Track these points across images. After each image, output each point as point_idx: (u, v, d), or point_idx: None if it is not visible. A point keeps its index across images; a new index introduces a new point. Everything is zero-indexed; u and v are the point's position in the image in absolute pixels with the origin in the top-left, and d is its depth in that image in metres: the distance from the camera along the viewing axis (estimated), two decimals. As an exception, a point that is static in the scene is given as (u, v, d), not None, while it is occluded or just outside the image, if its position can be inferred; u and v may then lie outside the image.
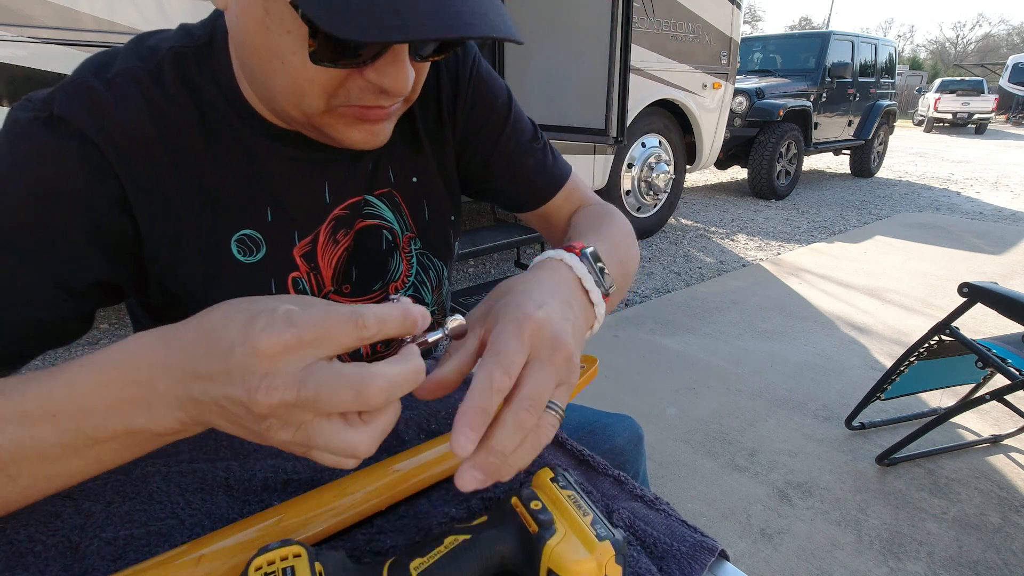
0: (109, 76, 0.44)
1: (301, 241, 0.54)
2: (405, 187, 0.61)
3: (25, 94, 0.44)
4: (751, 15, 44.11)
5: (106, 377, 0.32)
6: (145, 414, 0.31)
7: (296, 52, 0.39)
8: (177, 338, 0.31)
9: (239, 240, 0.50)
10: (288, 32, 0.39)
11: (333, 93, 0.42)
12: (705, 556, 0.39)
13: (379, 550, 0.39)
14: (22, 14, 1.76)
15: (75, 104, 0.42)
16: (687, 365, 2.26)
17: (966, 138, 13.85)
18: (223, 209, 0.49)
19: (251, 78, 0.46)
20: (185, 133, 0.47)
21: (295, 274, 0.54)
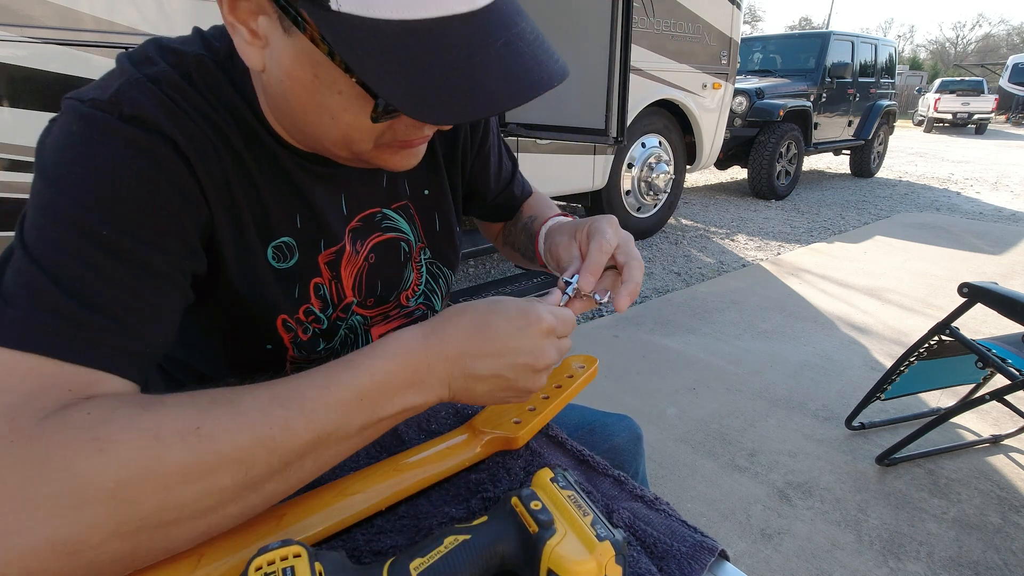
0: (152, 75, 0.43)
1: (327, 249, 0.55)
2: (418, 199, 0.63)
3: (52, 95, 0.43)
4: (751, 15, 44.11)
5: (397, 364, 0.40)
6: (420, 394, 0.41)
7: (348, 109, 0.41)
8: (442, 333, 0.42)
9: (276, 247, 0.52)
10: (340, 93, 0.40)
11: (381, 135, 0.44)
12: (705, 556, 0.39)
13: (379, 550, 0.39)
14: (22, 14, 1.76)
15: (147, 102, 0.41)
16: (687, 365, 2.26)
17: (966, 138, 13.85)
18: (266, 216, 0.50)
19: (290, 124, 0.47)
20: (231, 139, 0.47)
21: (317, 280, 0.55)
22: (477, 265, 3.52)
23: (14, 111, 1.83)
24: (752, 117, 5.33)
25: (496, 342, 0.42)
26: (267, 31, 0.39)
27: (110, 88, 0.42)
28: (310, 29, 0.36)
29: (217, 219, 0.47)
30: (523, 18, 0.41)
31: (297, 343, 0.56)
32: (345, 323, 0.59)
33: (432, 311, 0.68)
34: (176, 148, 0.43)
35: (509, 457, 0.48)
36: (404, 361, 0.40)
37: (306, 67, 0.39)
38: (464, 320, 0.43)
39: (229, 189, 0.47)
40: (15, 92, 1.82)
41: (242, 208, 0.48)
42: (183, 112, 0.43)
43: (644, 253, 3.83)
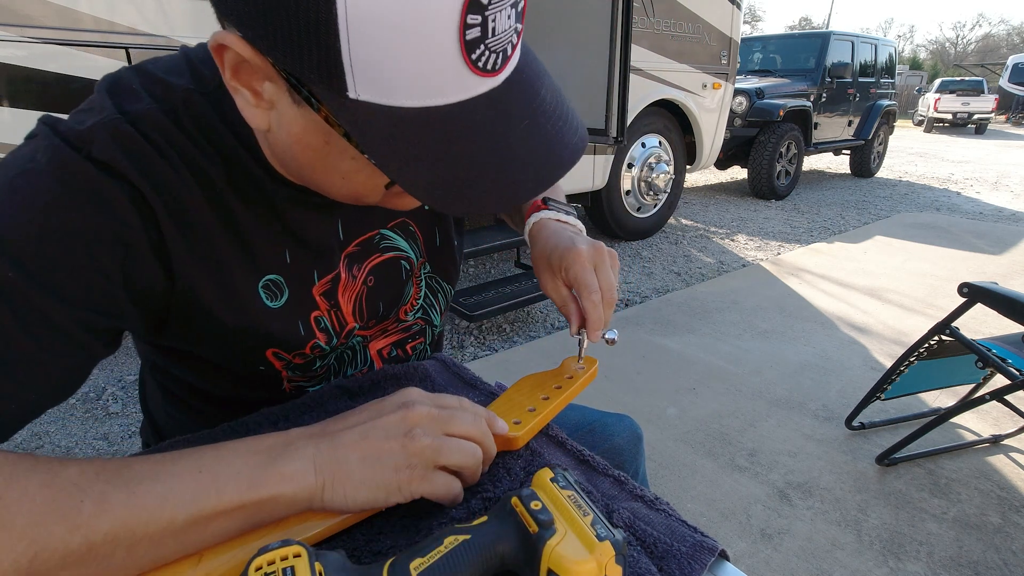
0: (134, 115, 0.41)
1: (321, 280, 0.53)
2: (419, 215, 0.61)
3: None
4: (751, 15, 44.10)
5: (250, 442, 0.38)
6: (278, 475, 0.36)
7: (361, 171, 0.40)
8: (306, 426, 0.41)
9: (265, 286, 0.50)
10: (353, 159, 0.39)
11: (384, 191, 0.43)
12: (705, 556, 0.39)
13: (379, 550, 0.39)
14: (22, 14, 1.76)
15: (116, 148, 0.39)
16: (687, 365, 2.26)
17: (966, 138, 13.85)
18: (250, 256, 0.48)
19: (296, 175, 0.46)
20: (213, 181, 0.45)
21: (316, 313, 0.54)
22: (477, 265, 3.52)
23: (14, 111, 1.83)
24: (752, 117, 5.33)
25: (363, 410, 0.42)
26: (274, 96, 0.37)
27: (86, 123, 0.40)
28: (324, 109, 0.34)
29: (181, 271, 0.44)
30: (544, 82, 0.40)
31: (291, 367, 0.55)
32: (346, 346, 0.58)
33: (430, 325, 0.67)
34: (141, 199, 0.40)
35: (509, 457, 0.48)
36: (260, 439, 0.39)
37: (318, 136, 0.38)
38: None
39: (207, 237, 0.45)
40: (15, 92, 1.82)
41: (223, 253, 0.46)
42: (161, 157, 0.41)
43: (644, 253, 3.83)
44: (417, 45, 0.31)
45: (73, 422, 1.86)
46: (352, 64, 0.31)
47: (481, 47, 0.33)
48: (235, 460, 0.36)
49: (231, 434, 0.51)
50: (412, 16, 0.30)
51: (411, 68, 0.32)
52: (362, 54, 0.31)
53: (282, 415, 0.53)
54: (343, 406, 0.47)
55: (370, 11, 0.29)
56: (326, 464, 0.38)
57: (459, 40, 0.31)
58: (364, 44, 0.30)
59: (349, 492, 0.38)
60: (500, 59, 0.34)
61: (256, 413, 0.54)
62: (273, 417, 0.53)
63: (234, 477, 0.35)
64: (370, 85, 0.32)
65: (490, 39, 0.33)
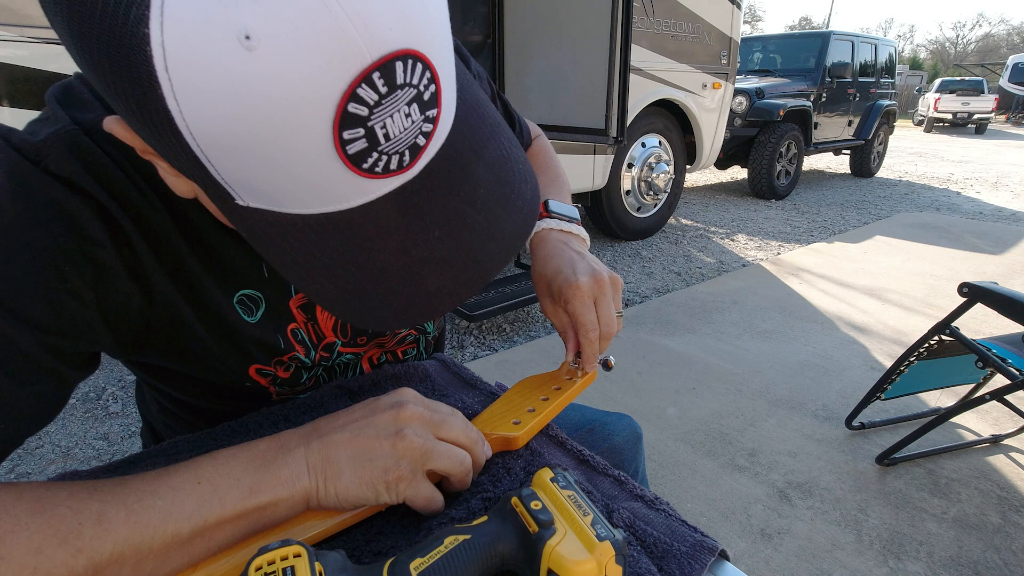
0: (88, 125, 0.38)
1: (299, 293, 0.52)
2: None
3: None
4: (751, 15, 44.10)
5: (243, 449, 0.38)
6: (274, 479, 0.36)
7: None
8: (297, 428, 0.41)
9: (239, 301, 0.48)
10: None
11: None
12: (705, 556, 0.39)
13: (379, 550, 0.39)
14: (22, 14, 1.76)
15: (75, 162, 0.37)
16: (687, 365, 2.26)
17: (966, 138, 13.84)
18: (224, 272, 0.46)
19: None
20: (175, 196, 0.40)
21: (293, 325, 0.52)
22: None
23: (14, 111, 1.83)
24: (752, 117, 5.33)
25: (355, 409, 0.41)
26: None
27: (39, 133, 0.37)
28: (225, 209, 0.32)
29: (158, 289, 0.42)
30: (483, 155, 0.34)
31: (277, 382, 0.54)
32: (331, 360, 0.57)
33: (423, 334, 0.66)
34: (107, 215, 0.38)
35: (509, 457, 0.48)
36: (254, 444, 0.38)
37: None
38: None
39: (176, 252, 0.43)
40: (15, 92, 1.82)
41: (194, 270, 0.44)
42: (120, 171, 0.39)
43: (644, 253, 3.83)
44: (287, 168, 0.27)
45: (73, 422, 1.86)
46: (227, 181, 0.29)
47: (373, 155, 0.28)
48: (233, 467, 0.36)
49: (231, 434, 0.51)
50: (270, 144, 0.26)
51: (290, 186, 0.28)
52: (232, 175, 0.28)
53: (283, 415, 0.53)
54: (343, 406, 0.47)
55: (219, 142, 0.26)
56: (318, 464, 0.37)
57: (339, 157, 0.27)
58: (228, 168, 0.28)
59: (340, 491, 0.37)
60: (406, 157, 0.29)
61: (257, 413, 0.54)
62: (273, 417, 0.53)
63: (234, 485, 0.35)
64: (255, 197, 0.30)
65: (384, 144, 0.28)
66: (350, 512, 0.40)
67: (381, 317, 0.33)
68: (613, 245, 3.99)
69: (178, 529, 0.32)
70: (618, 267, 3.53)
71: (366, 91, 0.25)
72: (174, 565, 0.33)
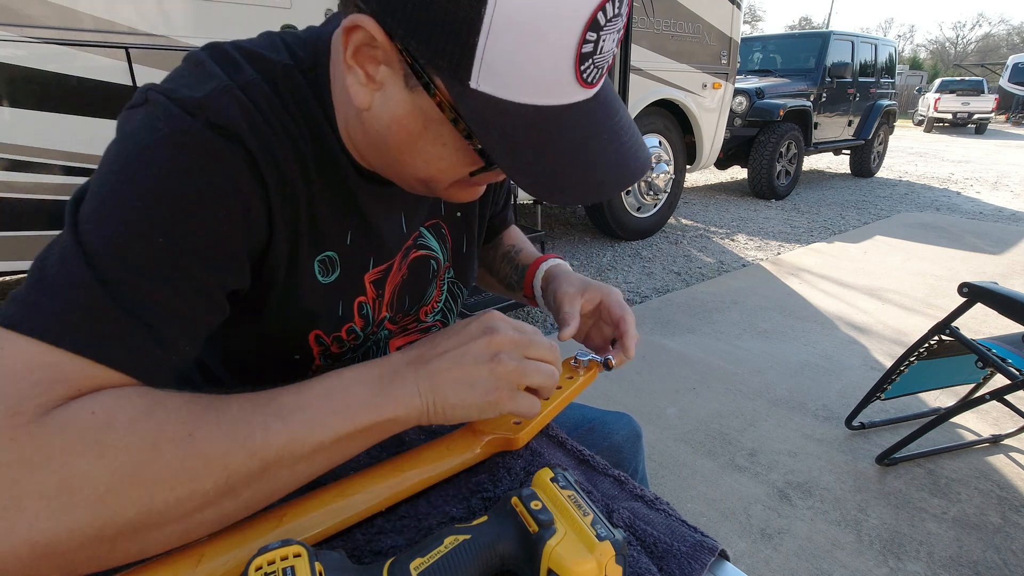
0: (242, 83, 0.43)
1: (375, 268, 0.56)
2: (451, 220, 0.64)
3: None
4: (751, 15, 44.08)
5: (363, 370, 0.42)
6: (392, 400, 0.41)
7: (444, 158, 0.43)
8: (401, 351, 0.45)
9: (321, 260, 0.51)
10: (443, 145, 0.42)
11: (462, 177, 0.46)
12: (705, 556, 0.39)
13: (379, 550, 0.39)
14: (22, 14, 1.76)
15: (236, 113, 0.41)
16: (687, 365, 2.26)
17: (966, 138, 13.84)
18: (317, 230, 0.50)
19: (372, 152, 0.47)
20: (304, 154, 0.46)
21: (361, 299, 0.55)
22: (477, 265, 3.52)
23: (14, 111, 1.83)
24: (752, 117, 5.33)
25: (450, 336, 0.45)
26: (386, 79, 0.40)
27: (200, 90, 0.41)
28: (440, 96, 0.38)
29: (276, 237, 0.46)
30: (621, 106, 0.44)
31: (326, 355, 0.56)
32: (374, 337, 0.60)
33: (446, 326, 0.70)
34: (254, 164, 0.42)
35: (510, 457, 0.48)
36: (370, 367, 0.43)
37: (418, 119, 0.41)
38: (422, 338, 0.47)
39: (295, 205, 0.47)
40: (15, 92, 1.82)
41: (302, 223, 0.48)
42: (267, 125, 0.43)
43: (644, 253, 3.83)
44: (543, 49, 0.35)
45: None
46: (482, 58, 0.35)
47: (589, 61, 0.37)
48: (359, 390, 0.41)
49: None
50: (545, 23, 0.34)
51: (531, 69, 0.36)
52: (494, 51, 0.35)
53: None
54: None
55: (513, 14, 0.33)
56: (426, 388, 0.42)
57: (576, 51, 0.36)
58: (498, 42, 0.34)
59: (448, 411, 0.42)
60: (598, 75, 0.39)
61: None
62: None
63: (362, 404, 0.40)
64: (491, 78, 0.36)
65: (597, 56, 0.37)
66: (351, 511, 0.40)
67: (560, 193, 0.40)
68: (613, 245, 3.99)
69: (321, 439, 0.38)
70: (618, 267, 3.53)
71: (605, 9, 0.35)
72: (320, 466, 0.39)
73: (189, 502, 0.33)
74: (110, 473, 0.31)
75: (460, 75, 0.36)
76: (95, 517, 0.30)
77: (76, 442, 0.31)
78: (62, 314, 0.34)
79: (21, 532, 0.29)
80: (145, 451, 0.32)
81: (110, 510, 0.31)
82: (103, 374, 0.35)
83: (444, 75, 0.37)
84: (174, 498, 0.33)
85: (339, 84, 0.46)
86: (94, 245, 0.36)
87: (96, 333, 0.35)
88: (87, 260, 0.35)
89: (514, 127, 0.38)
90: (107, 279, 0.35)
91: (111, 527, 0.31)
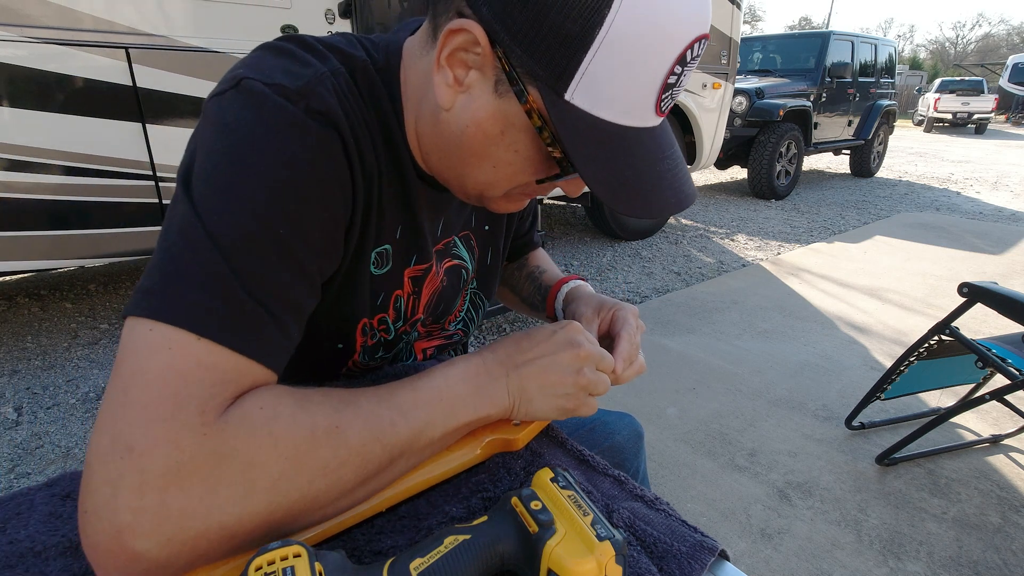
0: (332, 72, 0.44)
1: (416, 265, 0.57)
2: (480, 232, 0.66)
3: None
4: (751, 15, 44.09)
5: (463, 370, 0.47)
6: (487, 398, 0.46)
7: (513, 165, 0.45)
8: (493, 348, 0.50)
9: (379, 252, 0.53)
10: (516, 152, 0.44)
11: (515, 187, 0.48)
12: (705, 556, 0.39)
13: (379, 550, 0.39)
14: (22, 14, 1.76)
15: (332, 99, 0.42)
16: (687, 365, 2.26)
17: (966, 138, 13.84)
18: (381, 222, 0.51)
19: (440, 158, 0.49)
20: (378, 145, 0.48)
21: (399, 292, 0.57)
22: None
23: (14, 111, 1.83)
24: (752, 117, 5.33)
25: (537, 343, 0.49)
26: (474, 83, 0.42)
27: (298, 78, 0.42)
28: (531, 103, 0.40)
29: (354, 224, 0.48)
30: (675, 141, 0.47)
31: (364, 348, 0.57)
32: (407, 336, 0.61)
33: (466, 336, 0.72)
34: (347, 150, 0.43)
35: (510, 457, 0.48)
36: (467, 367, 0.47)
37: (498, 124, 0.42)
38: (510, 337, 0.51)
39: (370, 195, 0.48)
40: (15, 92, 1.82)
41: (372, 213, 0.49)
42: (355, 114, 0.45)
43: (644, 253, 3.83)
44: (639, 74, 0.38)
45: (73, 422, 1.86)
46: (584, 74, 0.38)
47: (669, 92, 0.41)
48: (461, 390, 0.45)
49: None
50: (648, 52, 0.37)
51: (624, 90, 0.39)
52: (597, 68, 0.37)
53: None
54: None
55: (623, 38, 0.36)
56: (516, 391, 0.47)
57: (664, 80, 0.39)
58: (603, 61, 0.37)
59: (531, 412, 0.48)
60: (669, 105, 0.42)
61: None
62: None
63: (463, 404, 0.45)
64: (586, 94, 0.39)
65: (676, 88, 0.41)
66: (351, 511, 0.40)
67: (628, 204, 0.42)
68: (613, 245, 3.99)
69: (432, 434, 0.43)
70: (618, 267, 3.53)
71: (694, 48, 0.39)
72: (426, 457, 0.44)
73: (336, 489, 0.37)
74: (282, 462, 0.35)
75: (558, 87, 0.38)
76: (269, 502, 0.34)
77: (254, 435, 0.35)
78: (211, 309, 0.36)
79: (213, 516, 0.33)
80: (306, 441, 0.36)
81: (280, 495, 0.35)
82: (254, 370, 0.37)
83: (540, 85, 0.39)
84: (325, 485, 0.36)
85: (412, 85, 0.48)
86: (225, 238, 0.37)
87: (243, 328, 0.37)
88: (220, 251, 0.36)
89: (598, 141, 0.40)
90: (239, 270, 0.37)
91: (279, 511, 0.35)
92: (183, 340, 0.34)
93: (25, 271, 2.19)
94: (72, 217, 2.02)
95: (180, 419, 0.33)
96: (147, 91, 2.02)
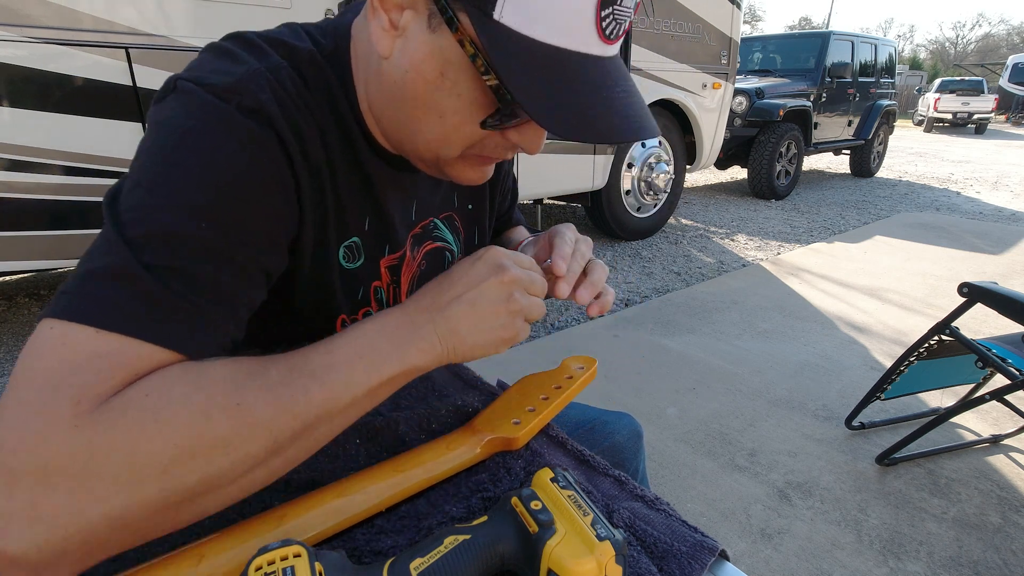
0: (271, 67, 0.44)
1: (391, 254, 0.57)
2: (463, 212, 0.65)
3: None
4: (751, 15, 44.09)
5: (383, 323, 0.43)
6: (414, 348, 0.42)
7: (459, 112, 0.43)
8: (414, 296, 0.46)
9: (347, 247, 0.52)
10: (459, 95, 0.42)
11: (472, 145, 0.46)
12: (705, 556, 0.39)
13: (379, 550, 0.39)
14: (22, 14, 1.76)
15: (266, 96, 0.42)
16: (687, 365, 2.26)
17: (966, 138, 13.84)
18: (342, 216, 0.51)
19: (390, 118, 0.48)
20: (328, 138, 0.47)
21: (377, 283, 0.57)
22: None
23: (14, 111, 1.83)
24: (752, 117, 5.33)
25: (458, 279, 0.46)
26: (408, 23, 0.41)
27: (229, 75, 0.42)
28: (462, 31, 0.38)
29: (305, 220, 0.47)
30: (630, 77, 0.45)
31: None
32: None
33: None
34: (284, 147, 0.43)
35: (510, 456, 0.48)
36: (386, 320, 0.44)
37: (436, 64, 0.41)
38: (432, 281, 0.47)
39: (322, 189, 0.48)
40: (15, 92, 1.82)
41: (327, 207, 0.49)
42: (296, 109, 0.44)
43: (644, 253, 3.83)
44: None
45: (73, 422, 1.86)
46: None
47: (609, 10, 0.38)
48: (382, 344, 0.42)
49: None
50: None
51: (558, 11, 0.37)
52: None
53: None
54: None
55: None
56: (445, 335, 0.44)
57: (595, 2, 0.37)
58: None
59: (467, 353, 0.45)
60: (617, 30, 0.40)
61: None
62: None
63: (387, 357, 0.41)
64: (515, 11, 0.37)
65: (617, 7, 0.39)
66: (351, 511, 0.40)
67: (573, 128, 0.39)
68: (613, 245, 3.99)
69: (354, 394, 0.40)
70: (618, 267, 3.53)
71: None
72: (353, 417, 0.41)
73: (242, 465, 0.35)
74: (171, 447, 0.33)
75: (485, 6, 0.37)
76: (161, 488, 0.33)
77: (136, 423, 0.33)
78: (116, 302, 0.35)
79: (97, 510, 0.31)
80: (199, 423, 0.34)
81: (174, 480, 0.33)
82: (160, 355, 0.36)
83: (469, 8, 0.38)
84: (228, 463, 0.35)
85: (361, 55, 0.47)
86: (139, 233, 0.36)
87: (151, 317, 0.36)
88: (132, 250, 0.36)
89: (534, 63, 0.38)
90: (154, 265, 0.36)
91: (176, 495, 0.33)
92: (81, 334, 0.34)
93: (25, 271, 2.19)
94: (72, 217, 2.02)
95: (50, 413, 0.31)
96: (147, 91, 2.02)
